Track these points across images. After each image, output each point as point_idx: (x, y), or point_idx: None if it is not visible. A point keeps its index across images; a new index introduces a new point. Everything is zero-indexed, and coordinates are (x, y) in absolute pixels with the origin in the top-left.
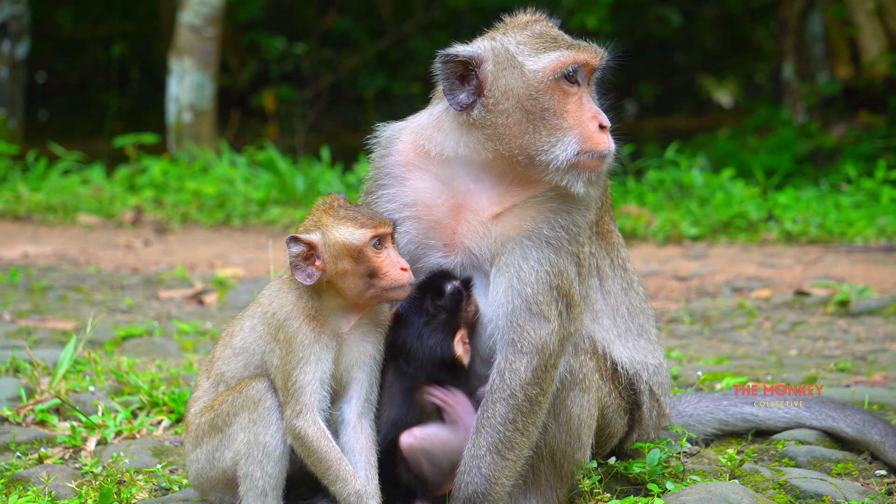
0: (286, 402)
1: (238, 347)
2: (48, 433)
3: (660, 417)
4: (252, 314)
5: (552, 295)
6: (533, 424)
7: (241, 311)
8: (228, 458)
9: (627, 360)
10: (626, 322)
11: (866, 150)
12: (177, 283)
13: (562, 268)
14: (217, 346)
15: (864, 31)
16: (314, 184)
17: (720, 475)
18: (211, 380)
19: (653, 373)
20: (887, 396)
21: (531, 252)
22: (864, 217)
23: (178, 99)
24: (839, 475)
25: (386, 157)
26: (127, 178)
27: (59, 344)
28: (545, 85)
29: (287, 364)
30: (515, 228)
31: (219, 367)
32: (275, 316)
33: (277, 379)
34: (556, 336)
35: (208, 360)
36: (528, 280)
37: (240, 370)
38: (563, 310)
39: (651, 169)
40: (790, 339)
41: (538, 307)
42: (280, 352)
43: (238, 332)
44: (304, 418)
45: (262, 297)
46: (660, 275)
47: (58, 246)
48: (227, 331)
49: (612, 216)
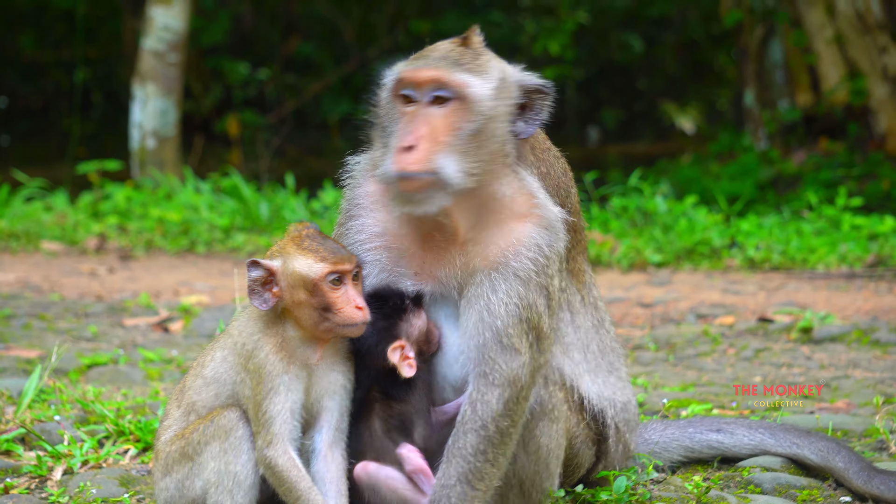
0: (257, 433)
1: (209, 377)
2: (13, 463)
3: (625, 453)
4: (223, 345)
5: (522, 328)
6: (503, 455)
7: (212, 341)
8: (198, 486)
9: (595, 396)
10: (597, 358)
11: (827, 177)
12: (141, 310)
13: (531, 301)
14: (188, 375)
15: (823, 59)
16: (279, 210)
17: (687, 502)
18: (182, 409)
19: (620, 410)
20: (850, 423)
21: (499, 284)
22: (826, 244)
23: (141, 125)
24: (804, 502)
25: (355, 188)
26: (90, 204)
27: (23, 372)
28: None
29: (258, 394)
30: (482, 260)
31: (190, 396)
32: (244, 346)
33: (249, 409)
34: (527, 368)
35: (179, 389)
36: (497, 313)
37: (211, 399)
38: (534, 342)
39: (615, 196)
40: (754, 365)
41: (509, 340)
42: (250, 382)
43: (209, 362)
44: (274, 448)
45: (232, 328)
46: (624, 301)
47: (21, 273)
48: (197, 360)
49: (585, 257)
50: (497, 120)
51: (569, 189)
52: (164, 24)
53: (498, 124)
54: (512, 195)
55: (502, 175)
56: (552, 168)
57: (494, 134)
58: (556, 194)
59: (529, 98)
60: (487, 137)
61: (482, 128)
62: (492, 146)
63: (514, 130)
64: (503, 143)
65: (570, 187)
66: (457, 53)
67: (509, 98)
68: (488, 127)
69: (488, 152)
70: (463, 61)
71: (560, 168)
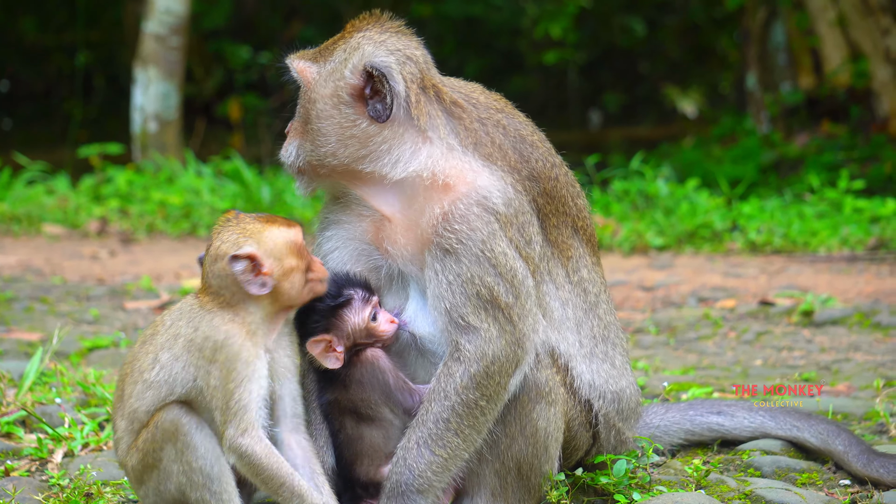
0: (227, 421)
1: (154, 381)
2: (14, 445)
3: (618, 438)
4: (168, 345)
5: (473, 304)
6: (471, 428)
7: (140, 345)
8: (173, 489)
9: (586, 385)
10: (591, 343)
11: (829, 160)
12: (143, 293)
13: (471, 275)
14: (124, 383)
15: (825, 41)
16: (280, 194)
17: (686, 485)
18: (126, 419)
19: (609, 400)
20: (851, 406)
21: (436, 264)
22: (828, 227)
23: (143, 108)
24: (804, 485)
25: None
26: (92, 188)
27: (24, 355)
28: None
29: (228, 383)
30: (416, 240)
31: (131, 404)
32: (208, 339)
33: (215, 399)
34: (495, 343)
35: (117, 398)
36: (442, 294)
37: (154, 403)
38: (496, 314)
39: (616, 179)
40: (755, 349)
41: (463, 319)
42: (219, 372)
43: (150, 365)
44: (249, 436)
45: (178, 326)
46: (625, 285)
47: (23, 256)
48: (130, 367)
49: (575, 229)
50: (329, 104)
51: (528, 153)
52: (166, 7)
53: (330, 109)
54: (426, 171)
55: (398, 154)
56: (491, 135)
57: (332, 117)
58: (502, 159)
59: (373, 80)
60: (326, 120)
61: (316, 112)
62: (339, 129)
63: (371, 114)
64: (353, 126)
65: (532, 151)
66: (328, 43)
67: (342, 82)
68: (323, 110)
69: (338, 136)
70: (320, 50)
71: (512, 133)
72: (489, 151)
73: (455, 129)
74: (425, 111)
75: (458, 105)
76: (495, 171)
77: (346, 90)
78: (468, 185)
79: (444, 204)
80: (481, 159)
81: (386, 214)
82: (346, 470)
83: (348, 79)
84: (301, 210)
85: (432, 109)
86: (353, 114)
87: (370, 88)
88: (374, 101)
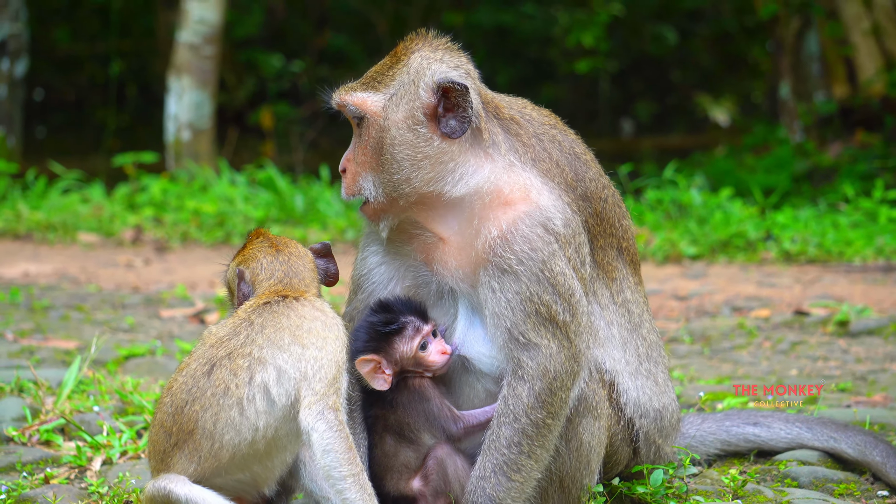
0: (325, 394)
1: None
2: (53, 453)
3: (658, 454)
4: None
5: (533, 321)
6: (541, 447)
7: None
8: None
9: (631, 400)
10: (636, 363)
11: (863, 170)
12: (178, 301)
13: (531, 293)
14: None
15: (860, 51)
16: (314, 203)
17: (723, 495)
18: None
19: (652, 419)
20: (888, 417)
21: (494, 283)
22: (862, 237)
23: (176, 117)
24: (841, 496)
25: None
26: (126, 196)
27: (61, 363)
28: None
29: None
30: (474, 258)
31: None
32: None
33: (314, 383)
34: (556, 359)
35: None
36: (502, 313)
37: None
38: (555, 331)
39: (649, 188)
40: (790, 358)
41: (524, 336)
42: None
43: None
44: (339, 413)
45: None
46: (659, 294)
47: (58, 265)
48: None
49: (620, 250)
50: (403, 128)
51: (583, 173)
52: (200, 16)
53: (405, 133)
54: (487, 187)
55: (462, 172)
56: (548, 151)
57: (406, 141)
58: (560, 175)
59: (448, 97)
60: (401, 146)
61: (390, 139)
62: (413, 153)
63: (445, 131)
64: (427, 145)
65: (587, 170)
66: (376, 69)
67: (418, 102)
68: (397, 136)
69: (412, 159)
70: (372, 77)
71: (567, 150)
72: (547, 167)
73: (514, 146)
74: (487, 127)
75: (514, 121)
76: (554, 190)
77: (420, 110)
78: (530, 203)
79: (504, 223)
80: (540, 176)
81: (440, 235)
82: (376, 481)
83: (423, 98)
84: (335, 219)
85: (492, 126)
86: (428, 133)
87: (442, 106)
88: (447, 118)
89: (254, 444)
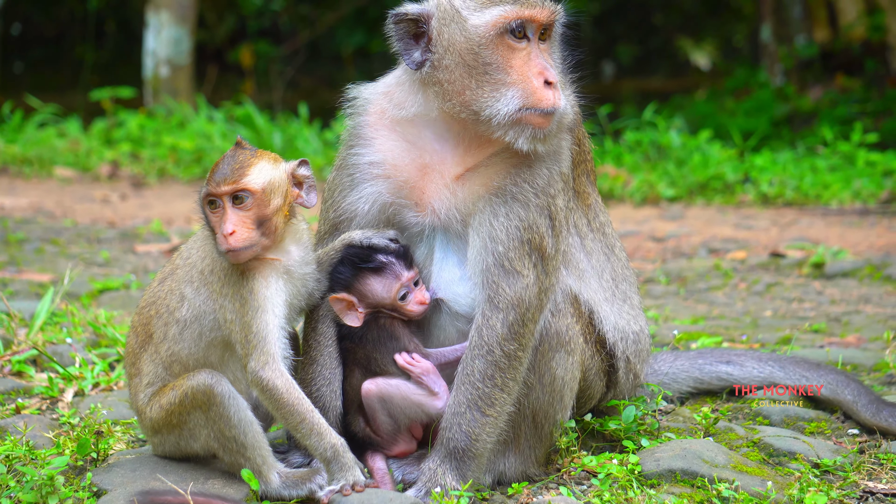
0: (248, 354)
1: (187, 318)
2: (25, 384)
3: (635, 382)
4: (188, 278)
5: (524, 250)
6: (513, 380)
7: (159, 281)
8: (198, 447)
9: (610, 327)
10: (611, 286)
11: (843, 114)
12: (153, 237)
13: (531, 221)
14: (151, 324)
15: None
16: (292, 140)
17: (695, 433)
18: (160, 363)
19: (631, 341)
20: (860, 357)
21: (499, 209)
22: (840, 180)
23: (155, 53)
24: (812, 434)
25: (355, 117)
26: (103, 131)
27: (35, 296)
28: (487, 40)
29: (244, 315)
30: (482, 187)
31: (169, 347)
32: (214, 268)
33: (234, 332)
34: (531, 290)
35: (142, 340)
36: (498, 237)
37: (194, 343)
38: (538, 263)
39: (628, 130)
40: (765, 300)
41: (510, 263)
42: (232, 305)
43: (178, 303)
44: (270, 369)
45: (192, 259)
46: (637, 235)
47: (34, 198)
48: (156, 307)
49: (592, 180)
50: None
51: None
52: None
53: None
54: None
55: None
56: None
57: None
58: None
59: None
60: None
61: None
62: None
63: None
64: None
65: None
66: None
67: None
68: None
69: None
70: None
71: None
72: None
73: None
74: None
75: None
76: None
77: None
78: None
79: (520, 152)
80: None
81: (462, 159)
82: (345, 416)
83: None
84: (313, 157)
85: None
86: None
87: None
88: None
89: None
